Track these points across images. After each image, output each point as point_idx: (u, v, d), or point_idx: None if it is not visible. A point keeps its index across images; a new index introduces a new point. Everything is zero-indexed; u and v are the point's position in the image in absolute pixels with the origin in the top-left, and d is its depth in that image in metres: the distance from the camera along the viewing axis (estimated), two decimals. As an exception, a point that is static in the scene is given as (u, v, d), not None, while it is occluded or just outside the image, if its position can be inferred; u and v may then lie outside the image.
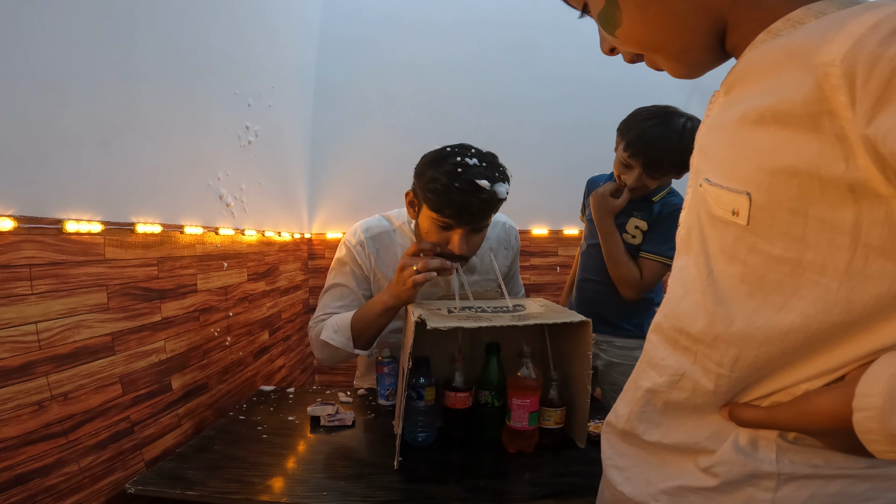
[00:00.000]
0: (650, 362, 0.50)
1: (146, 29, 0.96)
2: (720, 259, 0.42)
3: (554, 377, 0.94)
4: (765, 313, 0.39)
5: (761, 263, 0.39)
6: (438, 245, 0.99)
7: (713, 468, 0.44)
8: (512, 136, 2.25)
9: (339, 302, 1.16)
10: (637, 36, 0.47)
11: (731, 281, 0.41)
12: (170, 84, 1.06)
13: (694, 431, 0.46)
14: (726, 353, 0.42)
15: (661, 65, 0.49)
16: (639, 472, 0.51)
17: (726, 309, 0.41)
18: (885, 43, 0.29)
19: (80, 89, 0.81)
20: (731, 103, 0.42)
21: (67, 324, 0.78)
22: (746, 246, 0.39)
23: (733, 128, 0.40)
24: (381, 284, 1.15)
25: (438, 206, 0.94)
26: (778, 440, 0.41)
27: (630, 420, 0.51)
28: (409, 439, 0.96)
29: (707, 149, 0.45)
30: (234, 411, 1.17)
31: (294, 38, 1.93)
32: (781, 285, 0.38)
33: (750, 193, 0.38)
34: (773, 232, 0.37)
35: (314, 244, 2.26)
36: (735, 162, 0.39)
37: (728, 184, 0.40)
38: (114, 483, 0.85)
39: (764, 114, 0.36)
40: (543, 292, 2.33)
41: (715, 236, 0.43)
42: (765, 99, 0.36)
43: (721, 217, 0.41)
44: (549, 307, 0.99)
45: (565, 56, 2.24)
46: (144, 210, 0.99)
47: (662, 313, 0.50)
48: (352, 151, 2.25)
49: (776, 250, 0.37)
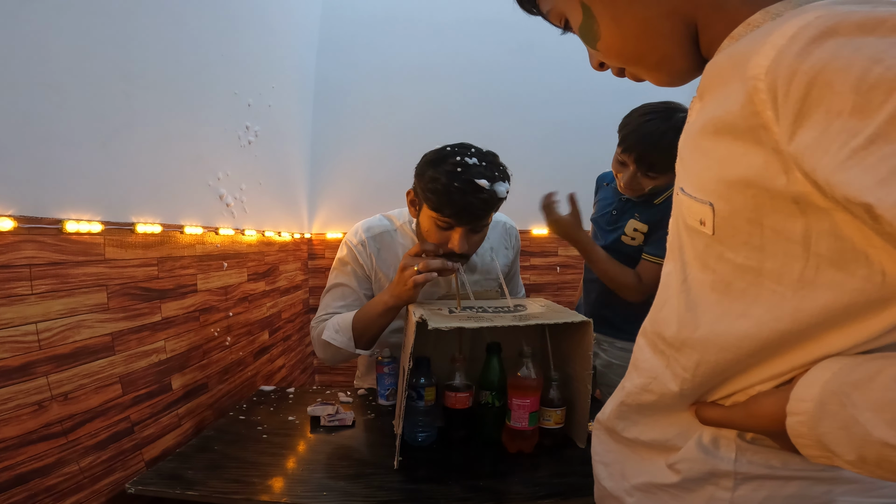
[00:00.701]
0: (635, 364, 0.51)
1: (146, 29, 0.96)
2: (694, 266, 0.43)
3: (554, 377, 0.94)
4: (727, 320, 0.39)
5: (728, 271, 0.39)
6: (440, 246, 0.99)
7: (676, 465, 0.45)
8: (512, 136, 2.24)
9: (340, 301, 1.16)
10: (616, 47, 0.47)
11: (703, 288, 0.42)
12: (170, 84, 1.06)
13: (666, 429, 0.47)
14: (690, 357, 0.42)
15: (643, 75, 0.49)
16: (618, 467, 0.52)
17: (694, 315, 0.42)
18: (801, 55, 0.28)
19: (80, 89, 0.81)
20: (699, 110, 0.42)
21: (67, 324, 0.78)
22: (714, 254, 0.40)
23: (697, 137, 0.40)
24: (383, 284, 1.15)
25: (438, 206, 0.94)
26: (737, 440, 0.42)
27: (611, 417, 0.53)
28: (410, 439, 0.96)
29: (683, 156, 0.45)
30: (234, 411, 1.17)
31: (294, 38, 1.93)
32: (745, 293, 0.38)
33: (713, 204, 0.38)
34: (735, 241, 0.38)
35: (314, 244, 2.26)
36: (700, 172, 0.40)
37: (696, 194, 0.40)
38: (114, 483, 0.85)
39: (717, 125, 0.36)
40: (543, 292, 2.33)
41: (690, 244, 0.43)
42: (716, 110, 0.36)
43: (692, 226, 0.42)
44: (550, 307, 0.99)
45: (566, 56, 2.22)
46: (144, 210, 0.99)
47: (648, 318, 0.51)
48: (352, 151, 2.25)
49: (739, 259, 0.38)
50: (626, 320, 1.28)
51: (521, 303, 1.03)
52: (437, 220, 0.97)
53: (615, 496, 0.52)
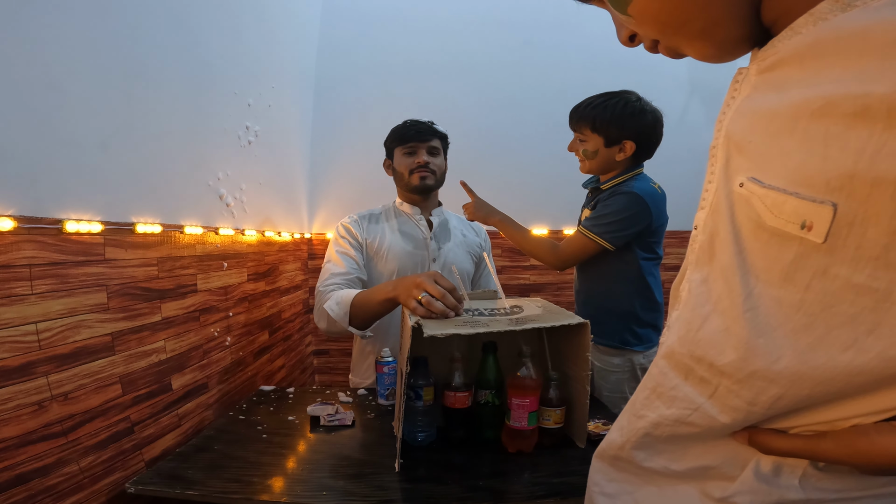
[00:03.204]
0: (656, 391, 0.44)
1: (146, 29, 0.96)
2: (767, 280, 0.35)
3: (553, 377, 0.94)
4: (825, 351, 0.32)
5: (833, 291, 0.32)
6: (452, 292, 0.96)
7: (732, 498, 0.39)
8: (512, 136, 2.25)
9: (341, 267, 1.26)
10: (652, 10, 0.39)
11: (782, 308, 0.34)
12: (170, 84, 1.06)
13: (703, 456, 0.42)
14: (765, 391, 0.35)
15: (683, 48, 0.41)
16: (628, 499, 0.47)
17: (770, 341, 0.34)
18: None
19: (80, 89, 0.81)
20: (778, 84, 0.35)
21: (67, 324, 0.78)
22: (814, 268, 0.32)
23: (798, 117, 0.32)
24: (370, 253, 1.32)
25: (401, 137, 1.32)
26: (807, 467, 0.37)
27: (625, 448, 0.47)
28: (409, 439, 0.96)
29: (743, 138, 0.37)
30: (234, 411, 1.17)
31: (294, 38, 1.93)
32: (856, 320, 0.31)
33: (836, 204, 0.30)
34: (859, 255, 0.30)
35: (314, 244, 2.26)
36: (806, 161, 0.32)
37: (796, 188, 0.32)
38: (114, 483, 0.85)
39: (856, 108, 0.29)
40: (543, 292, 2.33)
41: (761, 251, 0.35)
42: (856, 89, 0.29)
43: (777, 229, 0.33)
44: (548, 308, 0.99)
45: (566, 55, 2.24)
46: (144, 210, 0.99)
47: (677, 336, 0.42)
48: (352, 151, 2.25)
49: (859, 278, 0.30)
50: (601, 325, 1.30)
51: (518, 303, 1.03)
52: (404, 150, 1.32)
53: None
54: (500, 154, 2.24)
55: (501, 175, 2.19)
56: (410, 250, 1.33)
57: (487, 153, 2.20)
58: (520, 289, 2.33)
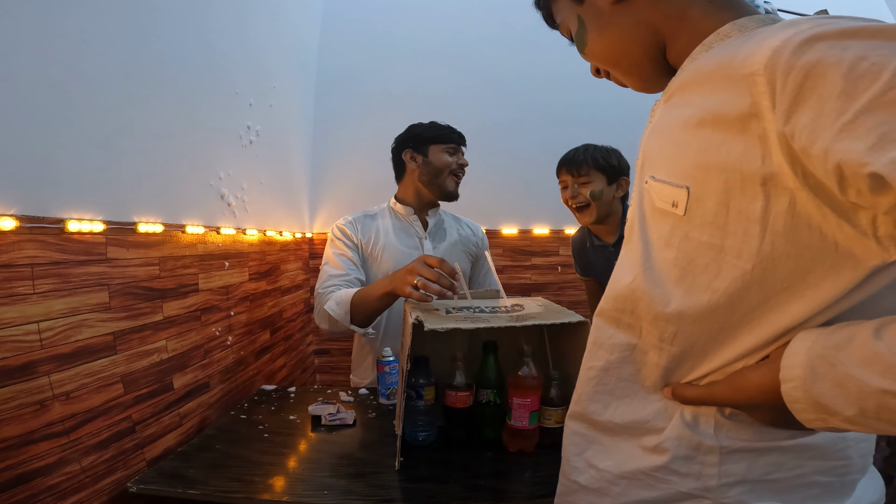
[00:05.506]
0: (597, 343, 0.54)
1: (147, 29, 0.97)
2: (657, 245, 0.48)
3: (554, 376, 0.94)
4: (695, 294, 0.44)
5: (691, 249, 0.44)
6: (449, 275, 0.98)
7: (663, 443, 0.48)
8: (513, 136, 2.24)
9: (339, 269, 1.26)
10: (597, 52, 0.55)
11: (666, 265, 0.46)
12: (171, 83, 1.06)
13: (640, 410, 0.50)
14: (666, 329, 0.47)
15: (622, 79, 0.57)
16: (591, 454, 0.54)
17: (663, 290, 0.47)
18: (796, 54, 0.34)
19: (81, 89, 0.81)
20: (670, 109, 0.48)
21: (69, 323, 0.78)
22: (680, 234, 0.45)
23: (677, 130, 0.45)
24: (365, 255, 1.33)
25: (444, 135, 1.32)
26: (716, 415, 0.46)
27: (581, 401, 0.55)
28: (410, 439, 0.96)
29: (650, 150, 0.50)
30: (236, 410, 1.17)
31: (295, 38, 1.93)
32: (707, 268, 0.43)
33: (689, 187, 0.43)
34: (703, 221, 0.43)
35: (315, 244, 2.26)
36: (676, 160, 0.45)
37: (670, 179, 0.45)
38: (115, 482, 0.86)
39: (703, 118, 0.42)
40: (544, 292, 2.33)
41: (655, 226, 0.48)
42: (704, 105, 0.42)
43: (661, 208, 0.47)
44: (548, 307, 0.98)
45: (570, 50, 2.22)
46: (146, 209, 0.99)
47: (604, 298, 0.54)
48: (353, 151, 2.25)
49: (704, 237, 0.43)
50: None
51: (519, 302, 1.02)
52: (446, 148, 1.31)
53: (593, 489, 0.52)
54: (502, 152, 2.23)
55: (502, 175, 2.19)
56: (406, 250, 1.33)
57: (488, 153, 2.18)
58: (521, 288, 2.32)
